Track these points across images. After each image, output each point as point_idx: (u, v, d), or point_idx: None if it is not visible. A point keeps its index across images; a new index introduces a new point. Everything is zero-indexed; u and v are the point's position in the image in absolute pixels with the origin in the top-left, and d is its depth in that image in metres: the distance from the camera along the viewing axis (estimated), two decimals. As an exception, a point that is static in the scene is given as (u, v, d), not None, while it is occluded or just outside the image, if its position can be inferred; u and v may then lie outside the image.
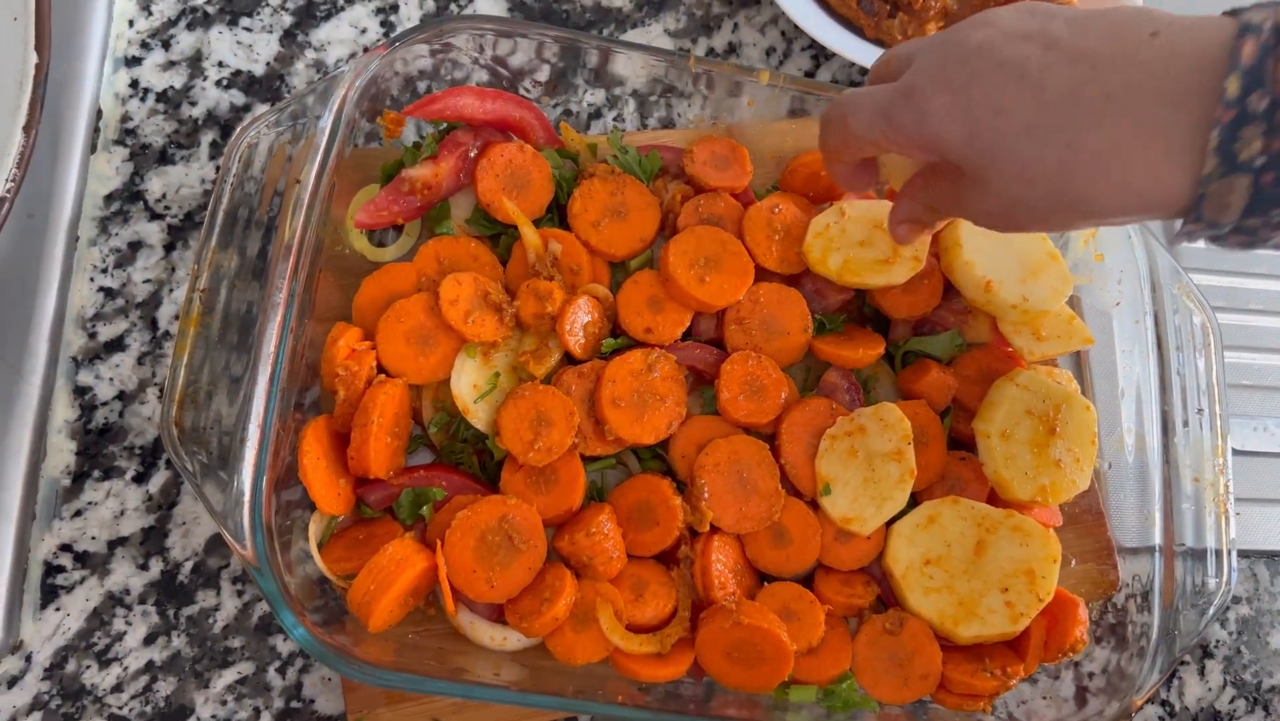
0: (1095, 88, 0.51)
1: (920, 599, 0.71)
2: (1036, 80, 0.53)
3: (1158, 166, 0.50)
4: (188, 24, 0.83)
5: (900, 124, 0.58)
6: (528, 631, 0.66)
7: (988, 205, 0.57)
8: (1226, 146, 0.48)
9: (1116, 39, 0.52)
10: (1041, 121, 0.53)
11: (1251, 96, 0.47)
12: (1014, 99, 0.53)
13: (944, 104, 0.55)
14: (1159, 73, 0.50)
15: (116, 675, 0.68)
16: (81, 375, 0.73)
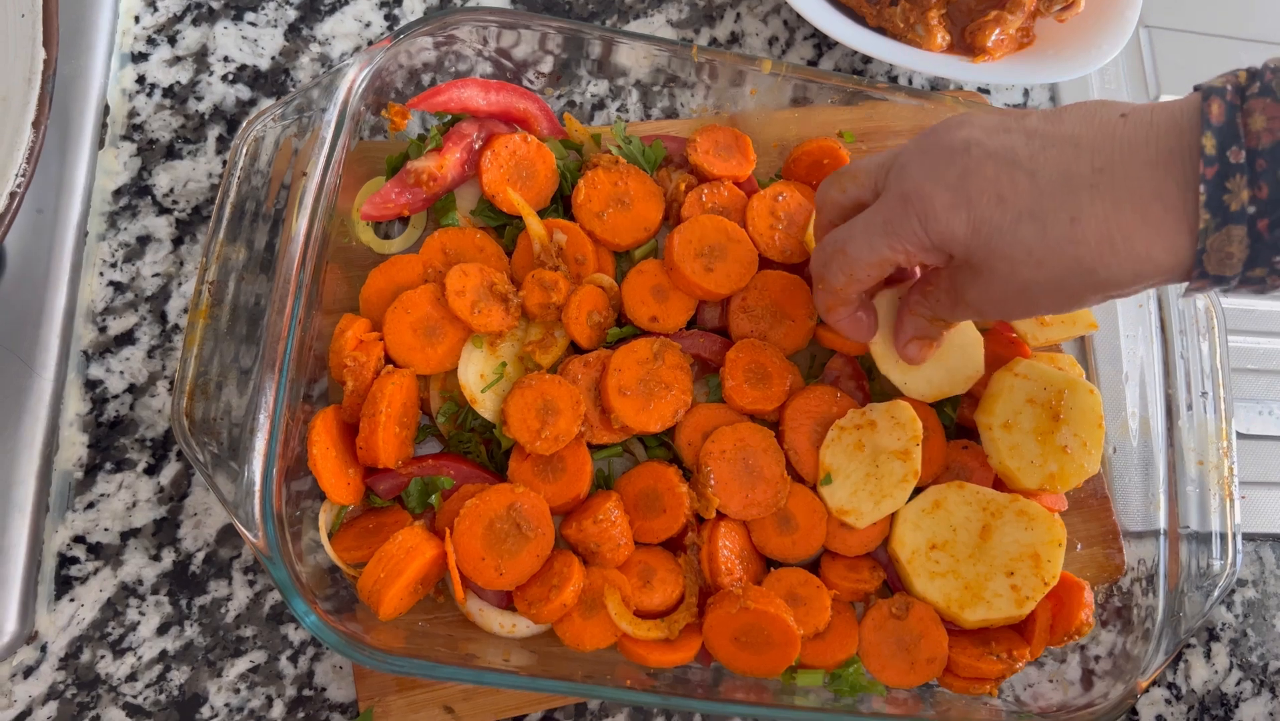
0: (1084, 164, 0.54)
1: (926, 583, 0.71)
2: (1028, 166, 0.55)
3: (1158, 229, 0.52)
4: (193, 19, 0.83)
5: (904, 232, 0.59)
6: (536, 618, 0.67)
7: (998, 293, 0.59)
8: (1216, 200, 0.50)
9: (1091, 122, 0.55)
10: (1041, 203, 0.55)
11: (1229, 151, 0.50)
12: (1010, 186, 0.55)
13: (945, 201, 0.57)
14: (1140, 144, 0.53)
15: (130, 664, 0.69)
16: (92, 369, 0.74)
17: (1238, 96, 0.51)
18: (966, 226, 0.57)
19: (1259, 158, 0.49)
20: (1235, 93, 0.51)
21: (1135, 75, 1.01)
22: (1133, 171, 0.53)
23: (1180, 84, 1.01)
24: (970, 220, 0.56)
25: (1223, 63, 1.03)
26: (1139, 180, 0.53)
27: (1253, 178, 0.49)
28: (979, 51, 0.90)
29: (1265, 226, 0.50)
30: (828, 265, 0.65)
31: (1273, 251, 0.50)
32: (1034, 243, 0.55)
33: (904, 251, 0.60)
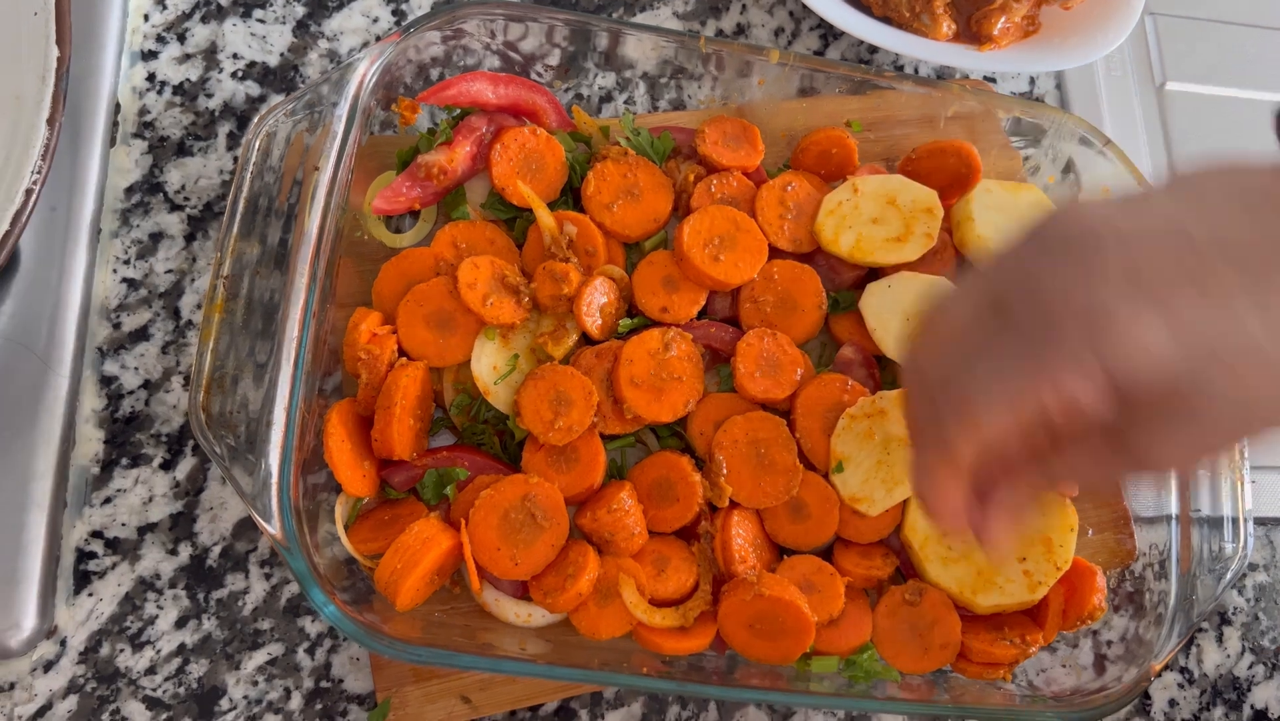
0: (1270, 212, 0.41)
1: (939, 569, 0.71)
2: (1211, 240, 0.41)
3: None
4: (201, 17, 0.84)
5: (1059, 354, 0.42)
6: (552, 607, 0.67)
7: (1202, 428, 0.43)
8: None
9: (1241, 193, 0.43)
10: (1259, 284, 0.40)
11: None
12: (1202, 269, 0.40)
13: (1126, 313, 0.40)
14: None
15: (149, 658, 0.69)
16: (107, 365, 0.74)
17: None
18: (1168, 335, 0.40)
19: None
20: None
21: (1141, 62, 1.01)
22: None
23: (1186, 72, 1.01)
24: (1172, 327, 0.40)
25: (1228, 50, 1.03)
26: None
27: None
28: (985, 40, 0.90)
29: None
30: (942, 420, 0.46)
31: None
32: (1266, 338, 0.40)
33: (1053, 384, 0.42)
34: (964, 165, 0.81)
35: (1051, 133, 0.82)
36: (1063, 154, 0.83)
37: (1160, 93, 1.00)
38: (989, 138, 0.84)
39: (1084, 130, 0.81)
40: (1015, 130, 0.84)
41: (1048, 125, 0.82)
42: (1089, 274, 0.41)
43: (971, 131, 0.84)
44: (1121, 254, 0.41)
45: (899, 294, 0.76)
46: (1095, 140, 0.81)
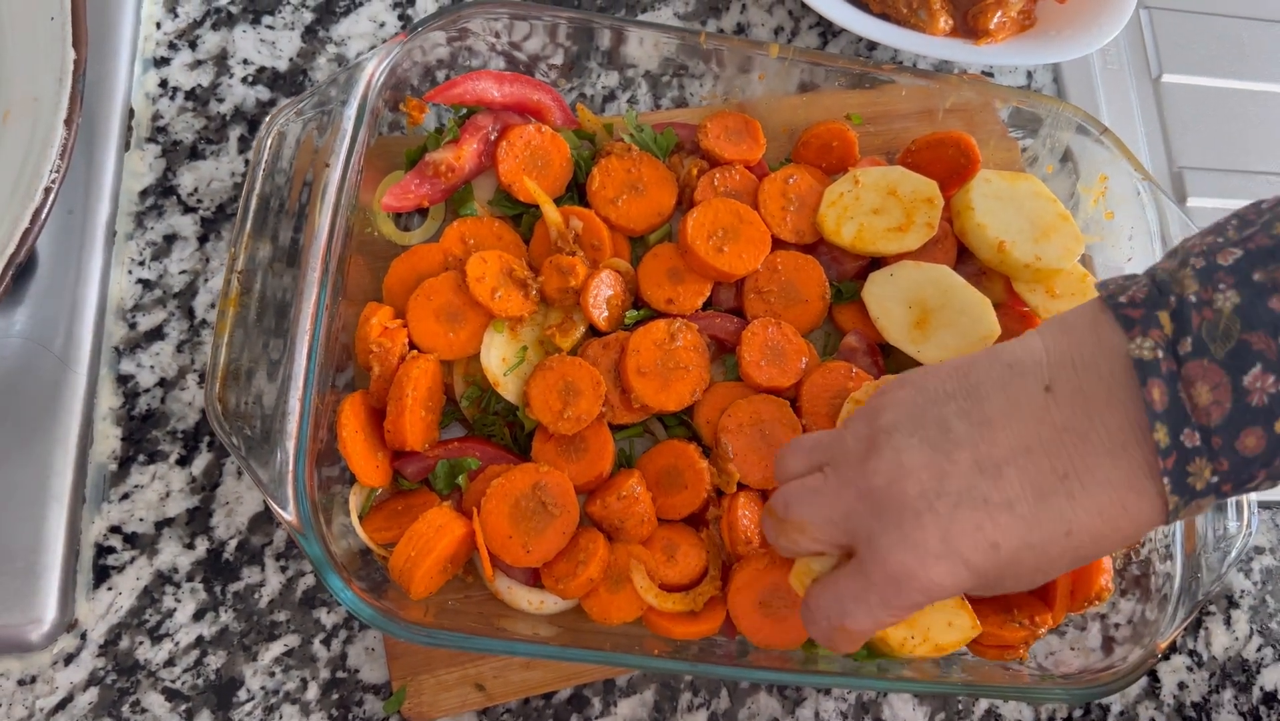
0: (1047, 471, 0.52)
1: (946, 551, 0.72)
2: (999, 499, 0.52)
3: (1138, 513, 0.51)
4: (212, 24, 0.85)
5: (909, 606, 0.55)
6: (564, 593, 0.68)
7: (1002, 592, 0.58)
8: (1181, 484, 0.49)
9: (1019, 409, 0.53)
10: (1033, 534, 0.52)
11: (1183, 435, 0.48)
12: (995, 528, 0.52)
13: (941, 571, 0.53)
14: (1088, 432, 0.51)
15: (168, 650, 0.70)
16: (124, 364, 0.76)
17: (1172, 360, 0.49)
18: (971, 579, 0.53)
19: (1213, 435, 0.48)
20: (1168, 355, 0.49)
21: (1137, 55, 1.02)
22: (1100, 470, 0.51)
23: (1182, 64, 1.02)
24: (973, 574, 0.53)
25: (1223, 41, 1.04)
26: (1109, 476, 0.51)
27: (1211, 455, 0.48)
28: (982, 34, 0.91)
29: (1229, 489, 0.49)
30: (832, 639, 0.58)
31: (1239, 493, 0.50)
32: (1037, 563, 0.53)
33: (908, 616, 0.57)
34: (963, 156, 0.83)
35: (1049, 122, 0.83)
36: (1060, 143, 0.84)
37: (1157, 85, 1.02)
38: (987, 129, 0.85)
39: (1081, 119, 0.82)
40: (1013, 121, 0.85)
41: (1045, 115, 0.83)
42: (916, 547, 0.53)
43: (970, 123, 0.85)
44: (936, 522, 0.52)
45: (901, 282, 0.77)
46: (1092, 129, 0.82)
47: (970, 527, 0.52)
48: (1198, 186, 0.99)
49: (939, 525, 0.52)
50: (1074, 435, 0.51)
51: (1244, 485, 0.49)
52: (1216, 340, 0.48)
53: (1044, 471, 0.52)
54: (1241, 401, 0.47)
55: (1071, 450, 0.51)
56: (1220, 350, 0.48)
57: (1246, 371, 0.47)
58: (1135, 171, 0.81)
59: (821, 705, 0.76)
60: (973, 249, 0.80)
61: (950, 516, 0.52)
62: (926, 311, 0.76)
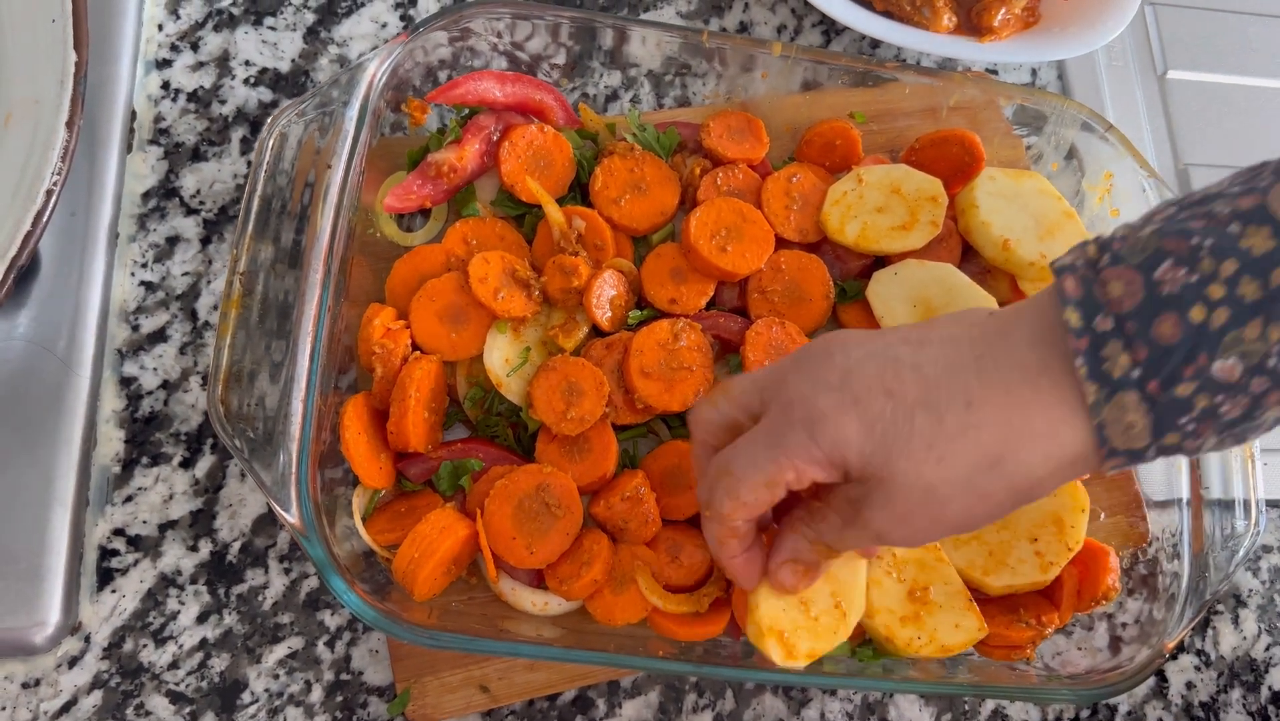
0: (965, 352, 0.52)
1: (950, 550, 0.72)
2: (911, 362, 0.53)
3: (1053, 407, 0.50)
4: (214, 26, 0.85)
5: (791, 443, 0.53)
6: (568, 595, 0.68)
7: (901, 505, 0.53)
8: (1096, 370, 0.48)
9: (960, 321, 0.55)
10: (931, 392, 0.51)
11: (1096, 320, 0.48)
12: (896, 379, 0.52)
13: (831, 402, 0.52)
14: (1012, 328, 0.52)
15: (172, 653, 0.70)
16: (127, 366, 0.76)
17: (1090, 270, 0.49)
18: (858, 425, 0.52)
19: (1126, 321, 0.47)
20: (1087, 266, 0.50)
21: (1142, 51, 1.02)
22: (1014, 353, 0.51)
23: (1187, 60, 1.02)
24: (861, 419, 0.52)
25: (1229, 37, 1.04)
26: (1022, 359, 0.51)
27: (1127, 341, 0.47)
28: (986, 32, 0.91)
29: (1156, 387, 0.47)
30: (713, 490, 0.57)
31: (1174, 413, 0.47)
32: (932, 433, 0.51)
33: (793, 466, 0.54)
34: (967, 154, 0.82)
35: (1053, 119, 0.83)
36: (1065, 140, 0.84)
37: (1162, 81, 1.01)
38: (991, 126, 0.85)
39: (1085, 116, 0.82)
40: (1017, 118, 0.85)
41: (1049, 112, 0.83)
42: (817, 376, 0.54)
43: (974, 121, 0.85)
44: (844, 363, 0.54)
45: (906, 281, 0.77)
46: (1097, 125, 0.81)
47: (873, 372, 0.53)
48: (1203, 183, 0.97)
49: (844, 364, 0.54)
50: (1000, 333, 0.52)
51: (1171, 387, 0.47)
52: (1134, 253, 0.48)
53: (962, 352, 0.52)
54: (1153, 291, 0.47)
55: (993, 340, 0.52)
56: (1136, 259, 0.48)
57: (1158, 266, 0.47)
58: (1141, 168, 0.80)
59: (827, 706, 0.75)
60: (977, 247, 0.80)
61: (858, 362, 0.53)
62: (931, 310, 0.76)
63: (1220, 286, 0.46)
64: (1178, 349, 0.46)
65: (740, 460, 0.56)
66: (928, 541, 0.57)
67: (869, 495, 0.54)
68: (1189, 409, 0.47)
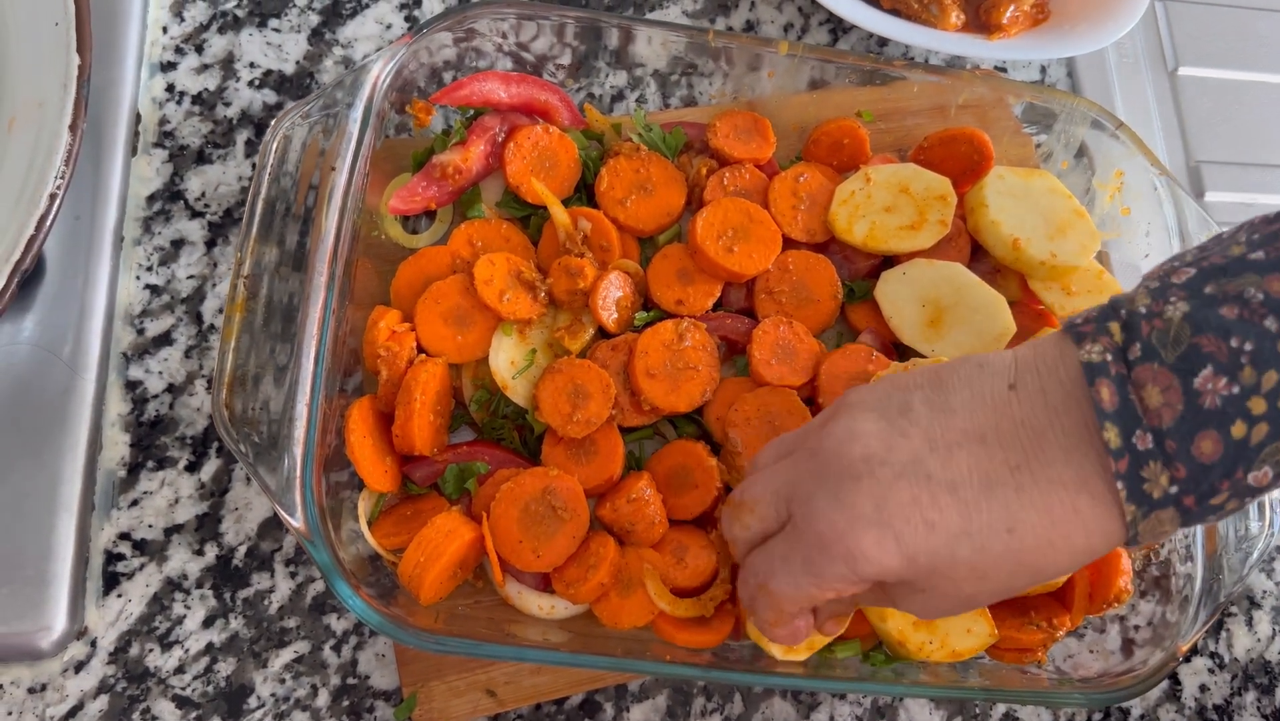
0: (999, 463, 0.51)
1: (961, 553, 0.71)
2: (943, 478, 0.51)
3: (1091, 520, 0.50)
4: (219, 28, 0.85)
5: (830, 575, 0.53)
6: (574, 598, 0.68)
7: (939, 606, 0.54)
8: (1137, 491, 0.48)
9: (982, 402, 0.52)
10: (972, 520, 0.50)
11: (1135, 437, 0.47)
12: (934, 507, 0.51)
13: (871, 539, 0.51)
14: (1045, 429, 0.50)
15: (178, 657, 0.70)
16: (132, 370, 0.75)
17: (1121, 364, 0.48)
18: (899, 560, 0.51)
19: (1166, 439, 0.46)
20: (1118, 360, 0.48)
21: (1153, 47, 1.01)
22: (1052, 467, 0.50)
23: (1199, 56, 1.01)
24: (902, 553, 0.51)
25: (1240, 33, 1.03)
26: (1061, 475, 0.49)
27: (1166, 460, 0.47)
28: (994, 29, 0.90)
29: (1192, 502, 0.47)
30: (754, 602, 0.58)
31: (1203, 516, 0.48)
32: (974, 559, 0.51)
33: (834, 590, 0.54)
34: (976, 152, 0.82)
35: (1063, 118, 0.82)
36: (1075, 138, 0.83)
37: (1173, 78, 1.00)
38: (1000, 124, 0.84)
39: (1096, 114, 0.81)
40: (1027, 116, 0.84)
41: (1059, 110, 0.82)
42: (849, 507, 0.52)
43: (983, 119, 0.84)
44: (874, 488, 0.52)
45: (914, 281, 0.76)
46: (1108, 123, 0.81)
47: (907, 500, 0.51)
48: (1215, 181, 0.97)
49: (876, 491, 0.51)
50: (1030, 431, 0.51)
51: (1207, 499, 0.47)
52: (1167, 346, 0.47)
53: (995, 461, 0.51)
54: (1194, 404, 0.46)
55: (1026, 444, 0.50)
56: (1170, 355, 0.47)
57: (1197, 374, 0.46)
58: (1152, 166, 0.79)
59: (837, 709, 0.75)
60: (987, 246, 0.79)
61: (889, 485, 0.51)
62: (940, 310, 0.75)
63: (1262, 400, 0.45)
64: (1216, 467, 0.46)
65: (779, 580, 0.56)
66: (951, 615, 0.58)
67: (909, 595, 0.55)
68: (1218, 511, 0.48)
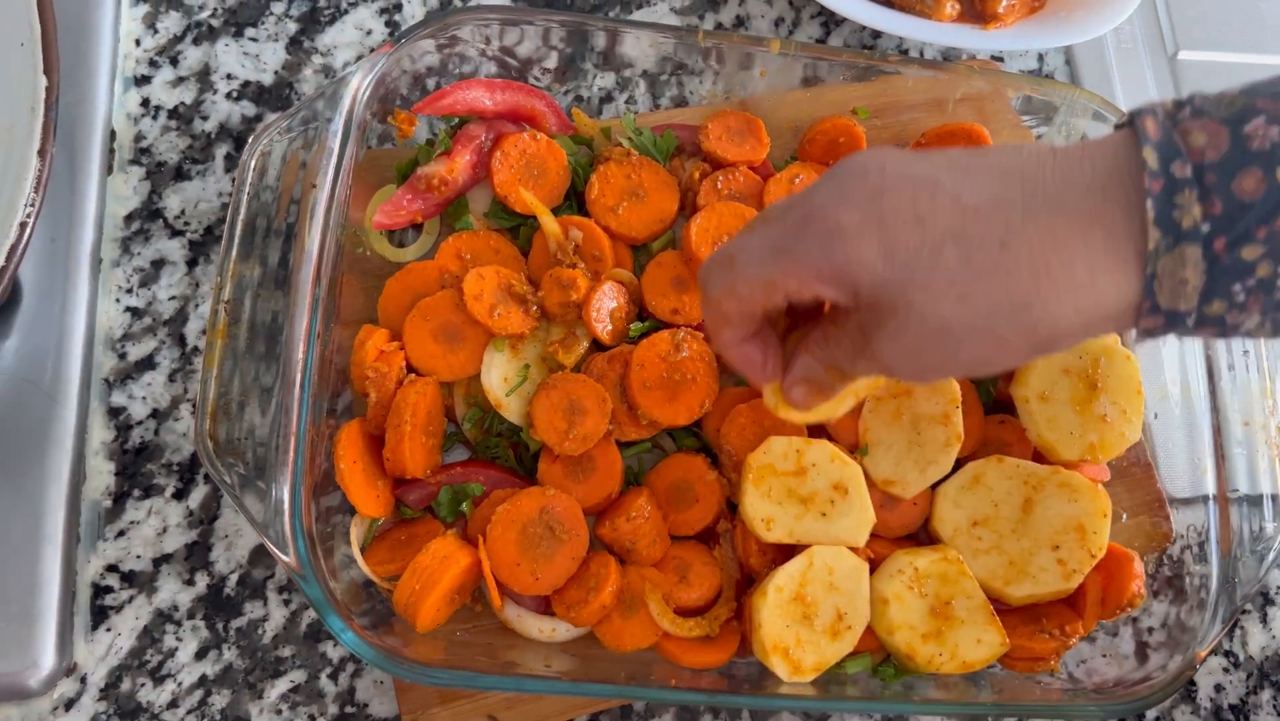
0: (1015, 188, 0.48)
1: (970, 561, 0.70)
2: (951, 189, 0.48)
3: (1101, 254, 0.47)
4: (193, 39, 0.83)
5: (800, 252, 0.50)
6: (576, 621, 0.66)
7: (912, 338, 0.50)
8: (1166, 216, 0.45)
9: (1018, 153, 0.50)
10: (967, 226, 0.47)
11: (1174, 165, 0.45)
12: (931, 204, 0.48)
13: (853, 220, 0.48)
14: (1074, 170, 0.48)
15: (171, 691, 0.68)
16: (114, 396, 0.73)
17: (1169, 120, 0.47)
18: (878, 249, 0.48)
19: (1206, 171, 0.45)
20: (1167, 116, 0.47)
21: (1151, 32, 0.99)
22: (1069, 196, 0.47)
23: (1198, 39, 0.99)
24: (883, 242, 0.48)
25: (1241, 18, 1.01)
26: (1077, 204, 0.47)
27: (1203, 192, 0.45)
28: (990, 18, 0.88)
29: (1222, 246, 0.45)
30: (710, 272, 0.55)
31: (1231, 277, 0.45)
32: (957, 270, 0.47)
33: (796, 276, 0.50)
34: (975, 147, 0.79)
35: (1064, 109, 0.80)
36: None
37: (1173, 63, 0.98)
38: (1000, 117, 0.82)
39: (1097, 105, 0.79)
40: (1026, 109, 0.82)
41: (1059, 102, 0.80)
42: (844, 191, 0.50)
43: (981, 112, 0.82)
44: (876, 183, 0.49)
45: None
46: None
47: (906, 194, 0.48)
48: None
49: (877, 182, 0.49)
50: (1059, 174, 0.48)
51: (1238, 248, 0.45)
52: (1220, 108, 0.46)
53: (1011, 186, 0.48)
54: (1241, 145, 0.45)
55: (1052, 180, 0.48)
56: (1222, 112, 0.46)
57: (1247, 122, 0.45)
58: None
59: (846, 723, 0.73)
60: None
61: (893, 182, 0.49)
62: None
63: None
64: (1256, 207, 0.44)
65: (745, 254, 0.53)
66: (937, 380, 0.55)
67: (880, 324, 0.50)
68: (1247, 274, 0.45)
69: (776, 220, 0.52)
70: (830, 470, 0.68)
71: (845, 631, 0.66)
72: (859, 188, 0.49)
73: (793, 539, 0.67)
